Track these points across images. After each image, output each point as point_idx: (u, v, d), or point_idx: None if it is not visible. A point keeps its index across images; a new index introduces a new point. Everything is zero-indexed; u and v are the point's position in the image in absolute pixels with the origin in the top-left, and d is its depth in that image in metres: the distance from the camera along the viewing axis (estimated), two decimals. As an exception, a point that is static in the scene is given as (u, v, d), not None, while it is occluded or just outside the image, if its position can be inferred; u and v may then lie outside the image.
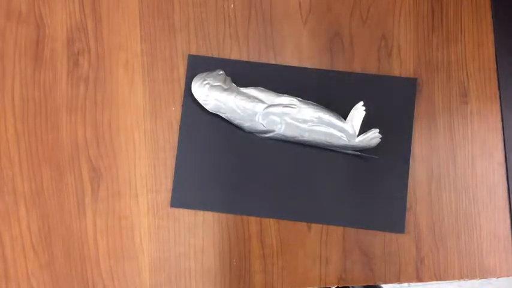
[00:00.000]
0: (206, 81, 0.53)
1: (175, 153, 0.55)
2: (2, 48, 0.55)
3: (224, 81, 0.53)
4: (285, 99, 0.53)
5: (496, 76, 0.56)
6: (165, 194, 0.54)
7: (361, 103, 0.52)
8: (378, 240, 0.54)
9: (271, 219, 0.54)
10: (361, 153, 0.53)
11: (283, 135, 0.53)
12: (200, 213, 0.54)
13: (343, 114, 0.53)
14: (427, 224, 0.54)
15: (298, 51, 0.56)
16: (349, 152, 0.53)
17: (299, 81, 0.55)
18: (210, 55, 0.56)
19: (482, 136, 0.55)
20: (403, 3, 0.56)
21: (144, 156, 0.55)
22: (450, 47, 0.56)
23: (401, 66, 0.56)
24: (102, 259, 0.54)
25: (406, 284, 1.22)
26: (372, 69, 0.56)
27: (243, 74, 0.55)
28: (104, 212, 0.54)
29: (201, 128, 0.55)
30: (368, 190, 0.54)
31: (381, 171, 0.54)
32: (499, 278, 1.28)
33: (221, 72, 0.54)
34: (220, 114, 0.53)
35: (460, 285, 1.27)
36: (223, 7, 0.56)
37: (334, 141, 0.52)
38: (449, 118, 0.55)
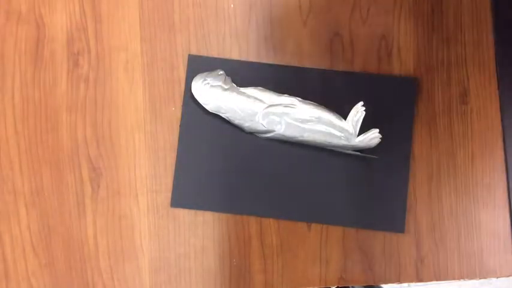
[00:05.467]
0: (206, 81, 0.53)
1: (175, 153, 0.55)
2: (2, 48, 0.55)
3: (224, 81, 0.53)
4: (285, 99, 0.53)
5: (496, 76, 0.56)
6: (165, 194, 0.54)
7: (361, 103, 0.52)
8: (378, 240, 0.54)
9: (271, 219, 0.54)
10: (361, 153, 0.54)
11: (283, 135, 0.53)
12: (200, 213, 0.54)
13: (343, 114, 0.53)
14: (427, 224, 0.54)
15: (298, 51, 0.56)
16: (349, 152, 0.53)
17: (299, 81, 0.55)
18: (210, 55, 0.56)
19: (482, 136, 0.55)
20: (403, 3, 0.56)
21: (144, 156, 0.55)
22: (450, 47, 0.56)
23: (401, 66, 0.56)
24: (102, 259, 0.54)
25: (406, 284, 1.22)
26: (372, 69, 0.56)
27: (243, 74, 0.55)
28: (104, 212, 0.54)
29: (201, 128, 0.55)
30: (368, 190, 0.54)
31: (381, 171, 0.54)
32: (499, 278, 1.28)
33: (221, 72, 0.54)
34: (220, 114, 0.53)
35: (460, 285, 1.27)
36: (223, 7, 0.56)
37: (334, 141, 0.52)
38: (449, 118, 0.55)
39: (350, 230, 0.54)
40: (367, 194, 0.54)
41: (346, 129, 0.52)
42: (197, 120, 0.55)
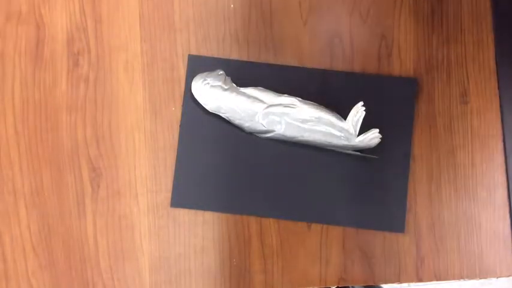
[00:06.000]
0: (206, 81, 0.53)
1: (175, 153, 0.55)
2: (2, 48, 0.55)
3: (224, 81, 0.53)
4: (285, 99, 0.53)
5: (496, 76, 0.56)
6: (165, 194, 0.54)
7: (361, 103, 0.52)
8: (378, 240, 0.54)
9: (271, 219, 0.54)
10: (361, 153, 0.54)
11: (283, 135, 0.53)
12: (200, 213, 0.54)
13: (343, 114, 0.53)
14: (427, 224, 0.54)
15: (298, 51, 0.56)
16: (349, 152, 0.53)
17: (299, 81, 0.55)
18: (210, 55, 0.56)
19: (482, 136, 0.55)
20: (403, 3, 0.56)
21: (144, 156, 0.55)
22: (450, 47, 0.56)
23: (401, 66, 0.56)
24: (102, 259, 0.54)
25: (406, 284, 1.22)
26: (372, 69, 0.56)
27: (243, 74, 0.55)
28: (104, 212, 0.54)
29: (201, 128, 0.55)
30: (368, 190, 0.54)
31: (381, 171, 0.54)
32: (499, 278, 1.28)
33: (221, 72, 0.54)
34: (220, 114, 0.53)
35: (460, 285, 1.27)
36: (223, 7, 0.56)
37: (334, 141, 0.52)
38: (449, 118, 0.55)
39: (350, 230, 0.54)
40: (367, 194, 0.54)
41: (346, 129, 0.52)
42: (197, 120, 0.55)
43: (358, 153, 0.53)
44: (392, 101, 0.55)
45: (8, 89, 0.55)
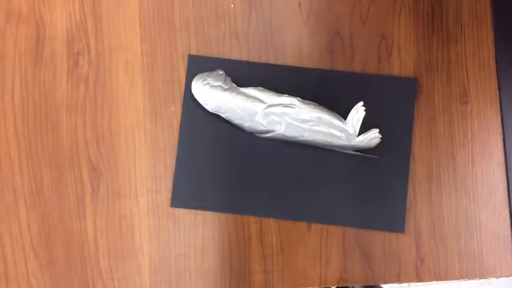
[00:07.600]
0: (206, 81, 0.53)
1: (175, 153, 0.55)
2: (2, 48, 0.55)
3: (224, 81, 0.53)
4: (285, 99, 0.53)
5: (496, 76, 0.56)
6: (165, 194, 0.54)
7: (361, 103, 0.52)
8: (378, 240, 0.54)
9: (271, 219, 0.54)
10: (361, 153, 0.54)
11: (283, 135, 0.53)
12: (200, 213, 0.54)
13: (343, 114, 0.53)
14: (427, 224, 0.54)
15: (298, 51, 0.56)
16: (349, 152, 0.53)
17: (299, 81, 0.55)
18: (210, 55, 0.56)
19: (482, 136, 0.55)
20: (403, 3, 0.56)
21: (144, 156, 0.55)
22: (450, 47, 0.56)
23: (401, 66, 0.56)
24: (102, 259, 0.54)
25: (406, 284, 1.22)
26: (372, 69, 0.56)
27: (243, 74, 0.55)
28: (104, 212, 0.54)
29: (201, 128, 0.55)
30: (368, 190, 0.54)
31: (381, 171, 0.54)
32: (499, 278, 1.28)
33: (221, 72, 0.54)
34: (220, 114, 0.53)
35: (460, 285, 1.27)
36: (223, 7, 0.56)
37: (334, 141, 0.52)
38: (449, 118, 0.55)
39: (350, 230, 0.54)
40: (367, 194, 0.54)
41: (346, 130, 0.52)
42: (197, 120, 0.55)
43: (358, 153, 0.53)
44: (392, 101, 0.55)
45: (8, 89, 0.55)
